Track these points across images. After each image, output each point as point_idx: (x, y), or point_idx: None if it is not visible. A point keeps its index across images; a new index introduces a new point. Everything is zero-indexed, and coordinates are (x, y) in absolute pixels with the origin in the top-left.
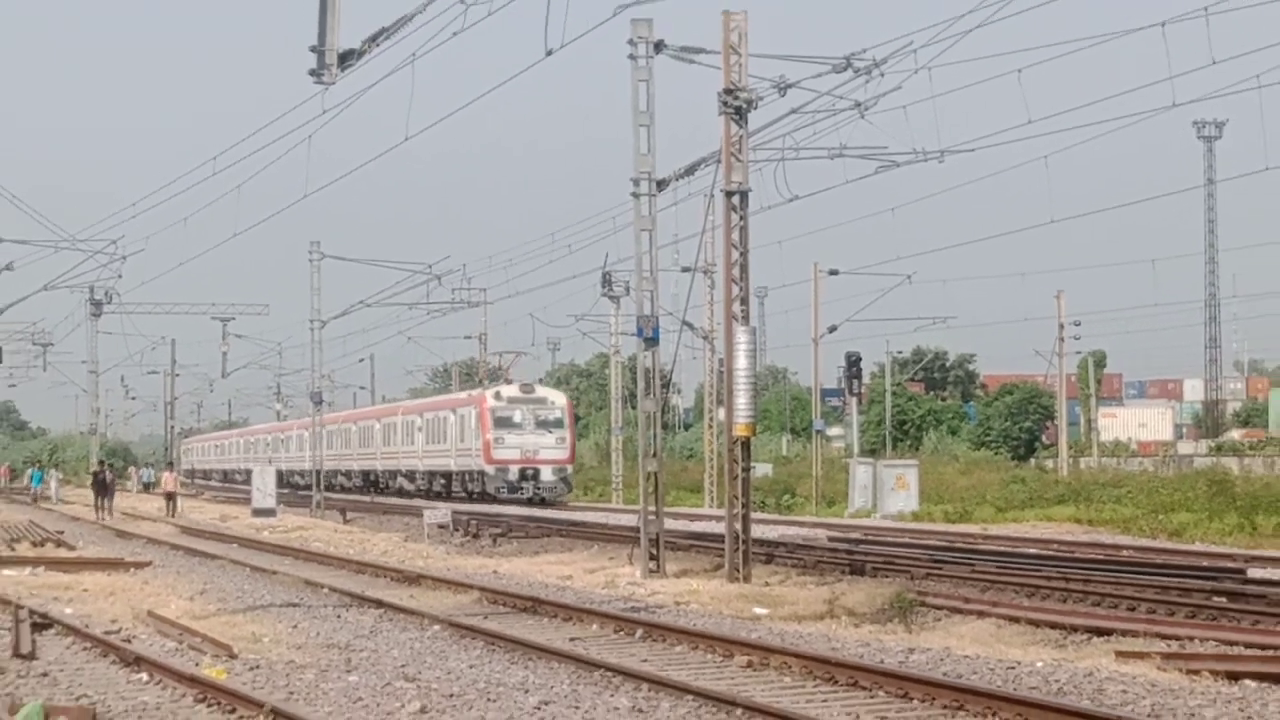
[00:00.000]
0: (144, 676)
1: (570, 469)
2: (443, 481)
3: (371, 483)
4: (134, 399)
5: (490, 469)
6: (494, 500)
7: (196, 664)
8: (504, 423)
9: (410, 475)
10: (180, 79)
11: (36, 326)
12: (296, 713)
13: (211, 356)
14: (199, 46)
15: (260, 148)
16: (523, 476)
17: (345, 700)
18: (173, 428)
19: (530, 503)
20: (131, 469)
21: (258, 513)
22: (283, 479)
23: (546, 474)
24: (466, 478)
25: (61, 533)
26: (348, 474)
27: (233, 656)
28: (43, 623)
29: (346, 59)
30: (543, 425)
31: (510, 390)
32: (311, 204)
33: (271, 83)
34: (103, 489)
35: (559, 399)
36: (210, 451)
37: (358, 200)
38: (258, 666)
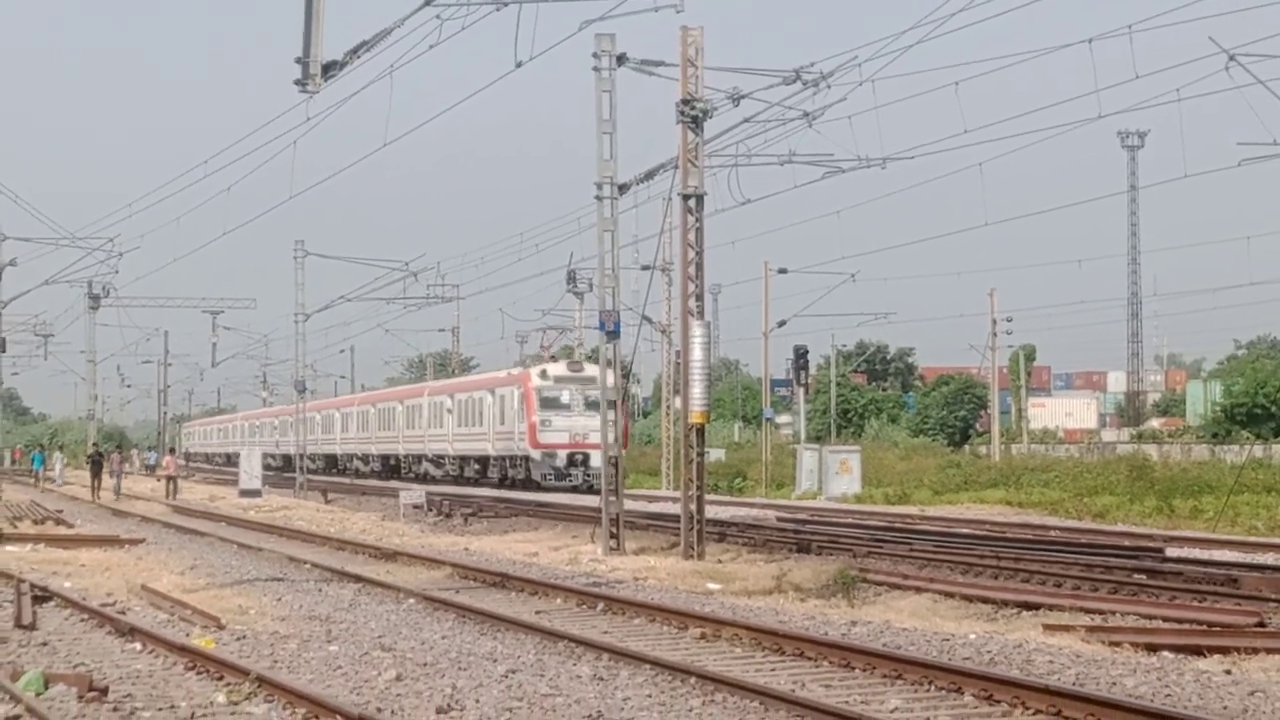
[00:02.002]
0: (138, 646)
1: (623, 454)
2: (476, 467)
3: (392, 468)
4: (129, 386)
5: (536, 454)
6: (538, 488)
7: (187, 634)
8: (551, 404)
9: (438, 460)
10: (173, 87)
11: (38, 318)
12: (280, 680)
13: (202, 347)
14: (191, 58)
15: (248, 152)
16: (571, 462)
17: (326, 669)
18: (165, 414)
19: (576, 490)
20: (134, 452)
21: (244, 493)
22: (289, 463)
23: (597, 459)
24: (508, 463)
25: (61, 512)
26: (365, 458)
27: (221, 628)
28: (43, 595)
29: (329, 70)
30: (593, 406)
31: (557, 368)
32: (296, 205)
33: (259, 92)
34: (99, 470)
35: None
36: (213, 435)
37: (340, 201)
38: (244, 637)
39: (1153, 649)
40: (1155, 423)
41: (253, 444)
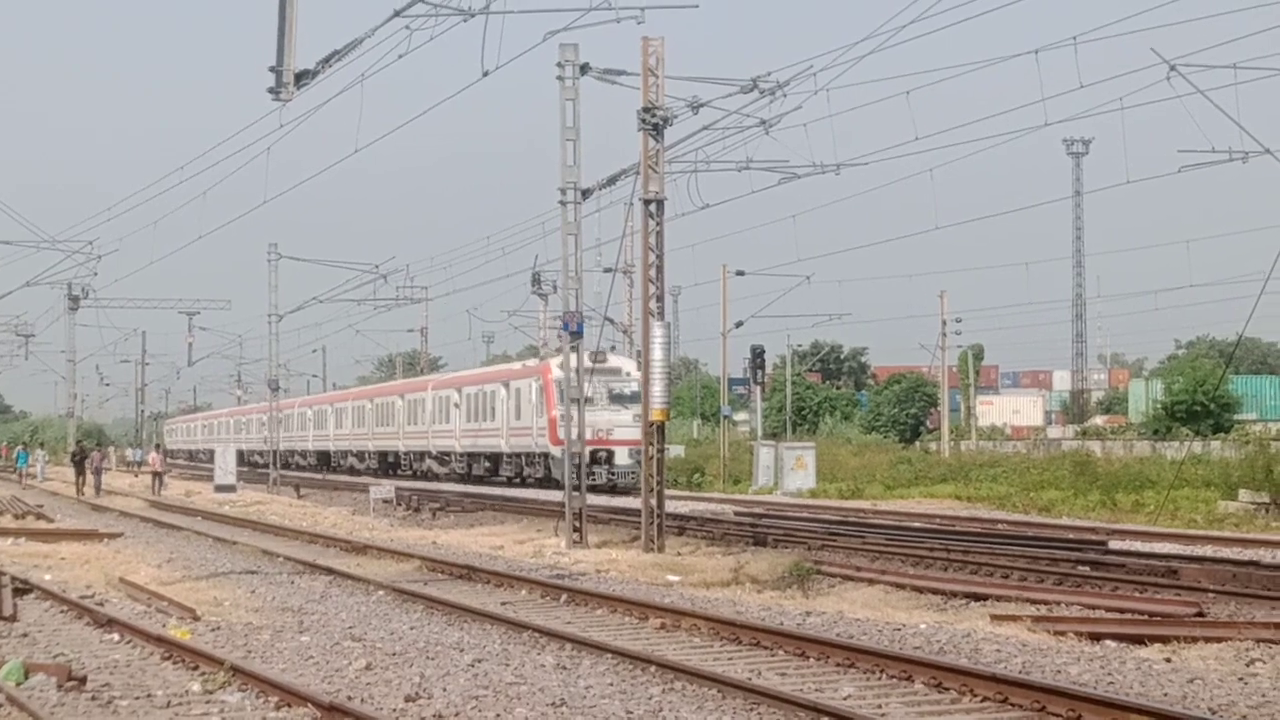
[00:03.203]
0: (115, 637)
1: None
2: (487, 464)
3: (391, 465)
4: (108, 385)
5: (556, 451)
6: (558, 486)
7: (163, 625)
8: None
9: (443, 457)
10: (151, 94)
11: (19, 319)
12: (254, 669)
13: (178, 347)
14: (168, 66)
15: (223, 158)
16: (594, 459)
17: (298, 658)
18: (143, 411)
19: (596, 490)
20: (111, 449)
21: (219, 488)
22: (283, 459)
23: (622, 456)
24: (524, 460)
25: (41, 507)
26: (360, 455)
27: (196, 619)
28: (24, 588)
29: (302, 78)
30: (617, 400)
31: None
32: (270, 209)
33: (233, 99)
34: (82, 467)
35: (635, 369)
36: (197, 431)
37: (312, 205)
38: (219, 628)
39: (1096, 638)
40: (1099, 420)
41: (237, 440)
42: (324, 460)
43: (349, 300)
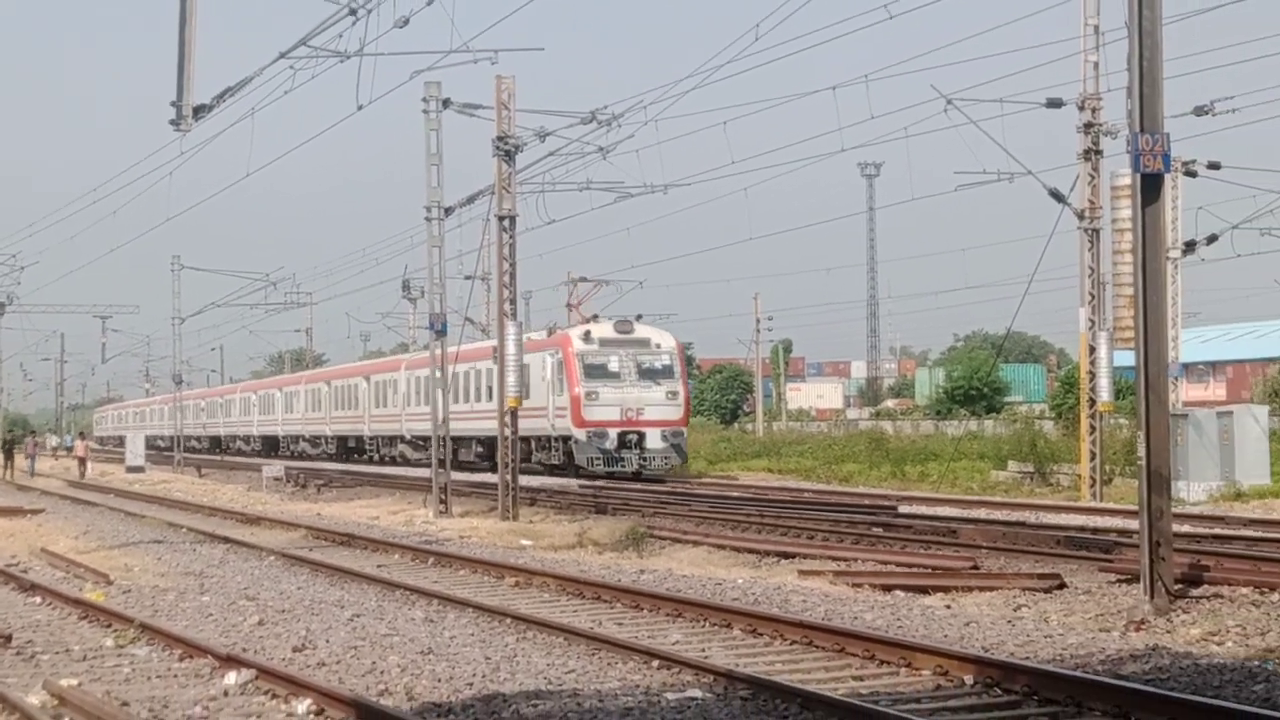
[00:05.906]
0: (38, 600)
1: (685, 432)
2: (480, 449)
3: (352, 449)
4: (31, 380)
5: (581, 434)
6: (580, 473)
7: (80, 589)
8: (597, 372)
9: (419, 441)
10: (66, 126)
11: None
12: (160, 626)
13: (93, 346)
14: (78, 101)
15: (131, 182)
16: (623, 443)
17: (199, 616)
18: (62, 403)
19: (614, 476)
20: (44, 437)
21: (130, 469)
22: (221, 444)
23: (653, 438)
24: (535, 444)
25: None
26: (315, 440)
27: (110, 583)
28: None
29: (199, 111)
30: (647, 375)
31: (603, 329)
32: (173, 224)
33: (140, 130)
34: (10, 453)
35: (666, 340)
36: (128, 418)
37: (212, 220)
38: (130, 590)
39: (888, 589)
40: (890, 403)
41: (172, 426)
42: (271, 446)
43: (243, 304)
